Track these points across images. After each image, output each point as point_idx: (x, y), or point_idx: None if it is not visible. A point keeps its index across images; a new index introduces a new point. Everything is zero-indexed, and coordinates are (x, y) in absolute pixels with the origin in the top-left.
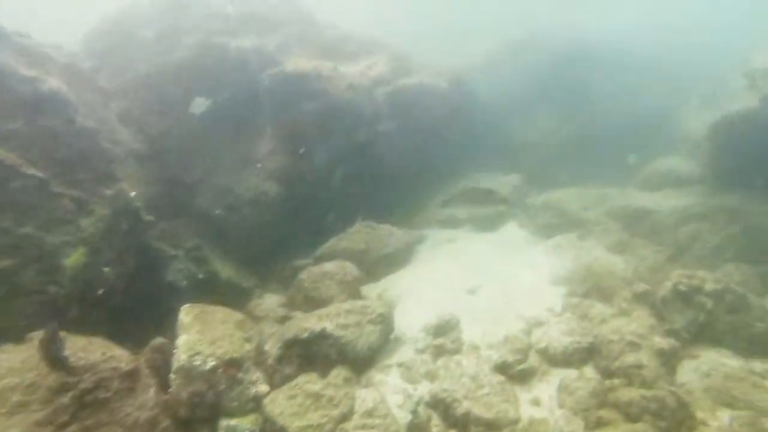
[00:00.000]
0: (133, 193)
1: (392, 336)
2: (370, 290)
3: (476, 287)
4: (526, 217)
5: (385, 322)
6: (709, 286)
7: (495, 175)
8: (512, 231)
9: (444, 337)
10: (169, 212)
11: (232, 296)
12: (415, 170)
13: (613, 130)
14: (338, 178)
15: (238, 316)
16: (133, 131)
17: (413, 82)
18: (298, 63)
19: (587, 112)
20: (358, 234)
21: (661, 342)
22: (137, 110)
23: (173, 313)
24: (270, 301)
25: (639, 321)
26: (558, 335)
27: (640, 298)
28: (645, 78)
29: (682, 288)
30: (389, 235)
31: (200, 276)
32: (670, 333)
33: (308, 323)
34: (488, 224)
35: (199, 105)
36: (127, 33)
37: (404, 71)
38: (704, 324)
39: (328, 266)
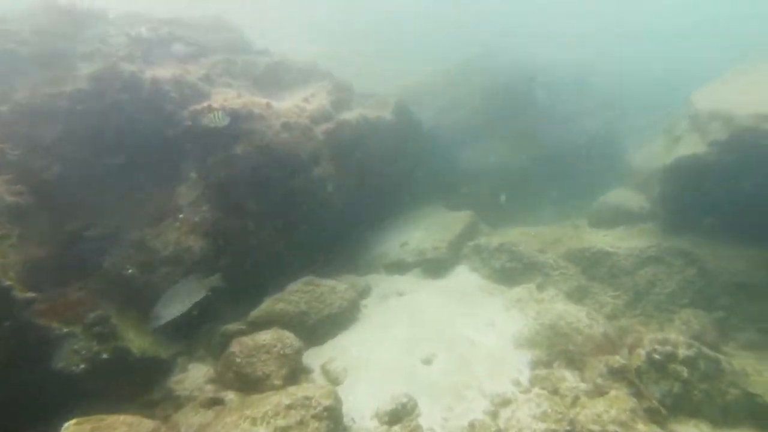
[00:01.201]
0: None
1: (341, 429)
2: (314, 359)
3: (432, 355)
4: (479, 260)
5: (332, 416)
6: (682, 352)
7: (443, 212)
8: (465, 277)
9: (400, 425)
10: (64, 278)
11: (149, 373)
12: (359, 211)
13: (564, 158)
14: (274, 228)
15: (146, 426)
16: (7, 180)
17: (355, 116)
18: (227, 98)
19: (539, 140)
20: (297, 293)
21: (645, 430)
22: (14, 152)
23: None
24: (195, 376)
25: (618, 404)
26: (529, 420)
27: (616, 373)
28: (597, 106)
29: (656, 357)
30: (332, 292)
31: (104, 356)
32: (650, 411)
33: None
34: (439, 268)
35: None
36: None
37: (346, 103)
38: (680, 395)
39: (264, 337)
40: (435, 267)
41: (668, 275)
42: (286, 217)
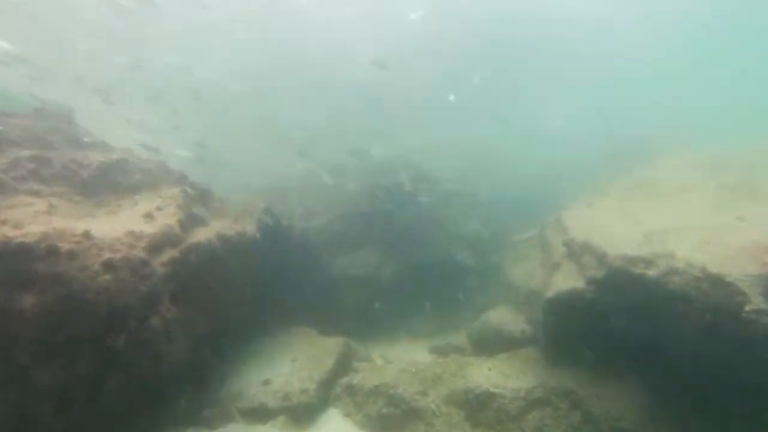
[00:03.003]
0: None
1: None
2: None
3: None
4: (352, 404)
5: None
6: None
7: (313, 337)
8: (336, 425)
9: None
10: None
11: None
12: (212, 347)
13: (437, 267)
14: (85, 410)
15: None
16: None
17: (210, 235)
18: (20, 222)
19: (412, 247)
20: None
21: None
22: None
23: None
24: None
25: None
26: None
27: None
28: (467, 211)
29: None
30: None
31: None
32: None
33: None
34: (307, 415)
35: None
36: None
37: (200, 217)
38: None
39: None
40: (303, 413)
41: (555, 420)
42: (109, 382)
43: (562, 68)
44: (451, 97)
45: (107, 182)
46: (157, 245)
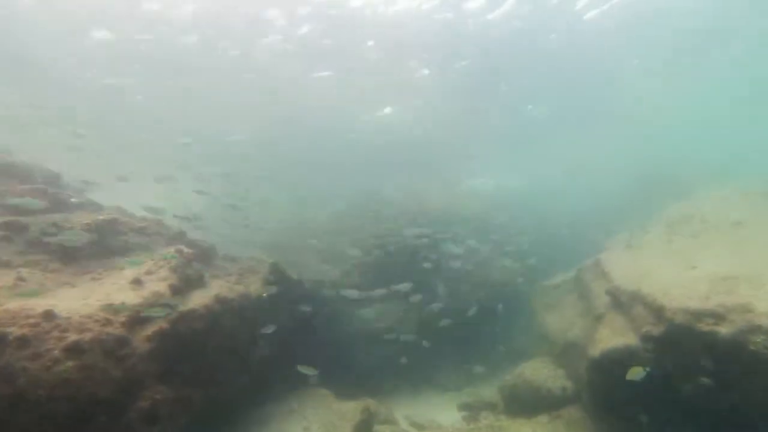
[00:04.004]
0: None
1: None
2: None
3: None
4: None
5: None
6: None
7: (328, 401)
8: None
9: None
10: None
11: None
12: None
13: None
14: None
15: None
16: None
17: (207, 300)
18: None
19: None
20: None
21: None
22: None
23: None
24: None
25: None
26: None
27: None
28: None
29: None
30: None
31: None
32: None
33: None
34: None
35: None
36: None
37: (198, 278)
38: None
39: None
40: None
41: None
42: None
43: (592, 110)
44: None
45: (93, 246)
46: (140, 318)
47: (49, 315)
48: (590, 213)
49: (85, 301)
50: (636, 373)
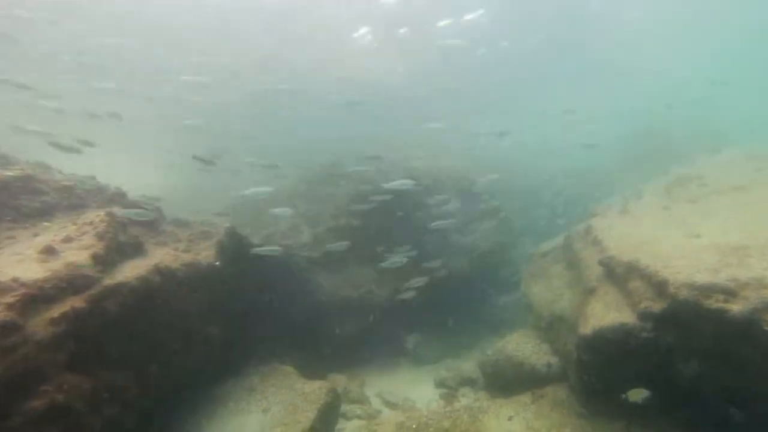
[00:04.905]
0: None
1: None
2: None
3: None
4: None
5: None
6: None
7: (291, 380)
8: None
9: None
10: None
11: None
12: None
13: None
14: None
15: None
16: None
17: (144, 272)
18: None
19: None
20: None
21: None
22: None
23: None
24: None
25: None
26: None
27: None
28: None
29: None
30: None
31: None
32: None
33: None
34: None
35: None
36: None
37: (134, 247)
38: None
39: None
40: None
41: None
42: None
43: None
44: None
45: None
46: (44, 296)
47: None
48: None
49: None
50: (639, 395)
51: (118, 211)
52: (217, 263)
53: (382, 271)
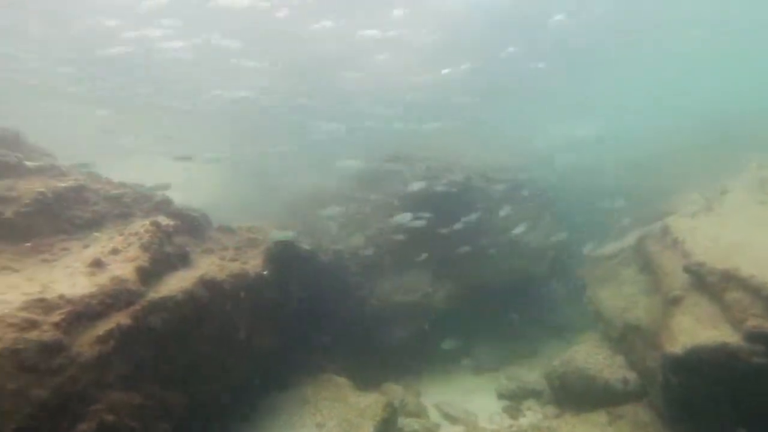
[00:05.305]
0: None
1: None
2: None
3: None
4: None
5: None
6: None
7: (344, 392)
8: None
9: None
10: None
11: None
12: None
13: (502, 289)
14: None
15: None
16: None
17: (190, 285)
18: None
19: (471, 266)
20: None
21: None
22: None
23: None
24: None
25: None
26: None
27: None
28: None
29: None
30: None
31: None
32: None
33: None
34: None
35: None
36: None
37: (179, 258)
38: None
39: None
40: None
41: None
42: None
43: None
44: None
45: (51, 218)
46: (90, 313)
47: None
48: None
49: (3, 296)
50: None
51: (163, 220)
52: (265, 273)
53: (439, 274)
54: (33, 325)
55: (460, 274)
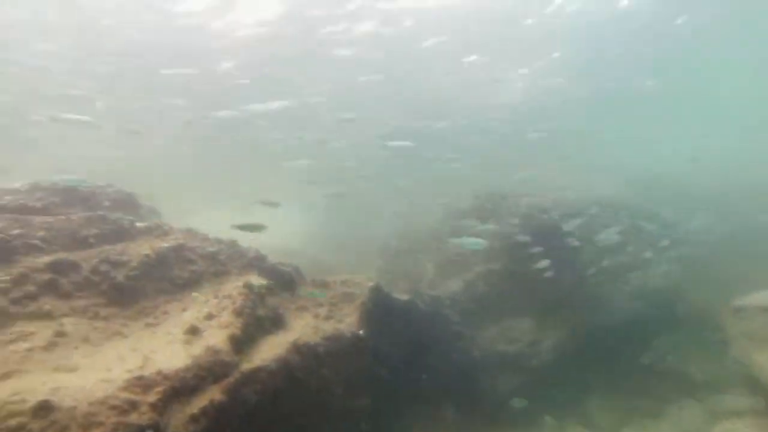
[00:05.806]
0: None
1: None
2: None
3: None
4: None
5: None
6: None
7: None
8: None
9: None
10: None
11: None
12: None
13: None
14: None
15: None
16: None
17: (282, 351)
18: None
19: (577, 312)
20: None
21: None
22: None
23: None
24: None
25: None
26: None
27: None
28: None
29: None
30: None
31: None
32: None
33: None
34: None
35: None
36: None
37: (271, 320)
38: None
39: None
40: None
41: None
42: None
43: None
44: None
45: (154, 280)
46: (185, 388)
47: (44, 408)
48: None
49: (109, 372)
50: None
51: (255, 279)
52: (361, 332)
53: (544, 322)
54: (133, 406)
55: (569, 318)
